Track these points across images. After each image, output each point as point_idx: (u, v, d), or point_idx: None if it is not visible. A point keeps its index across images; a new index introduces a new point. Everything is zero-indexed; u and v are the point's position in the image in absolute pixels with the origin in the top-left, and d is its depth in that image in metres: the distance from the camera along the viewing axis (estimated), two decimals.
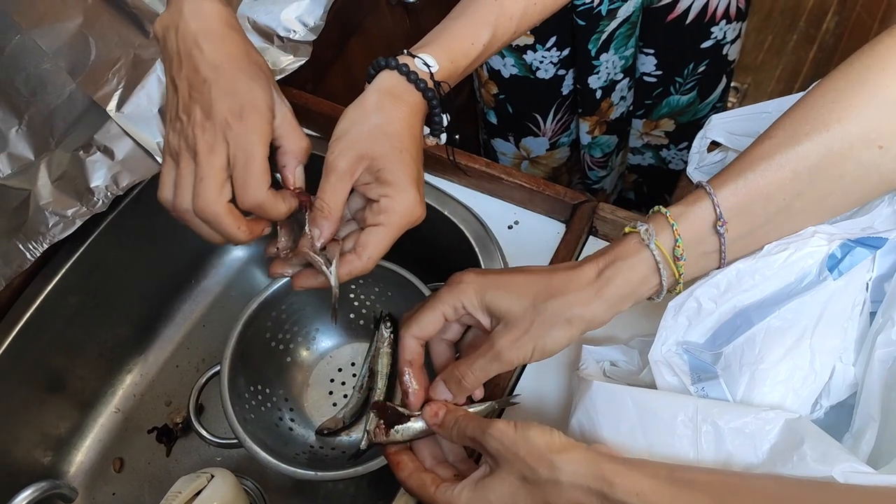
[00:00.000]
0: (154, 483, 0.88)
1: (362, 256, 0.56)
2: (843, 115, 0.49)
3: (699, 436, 0.51)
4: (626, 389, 0.55)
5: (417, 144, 0.58)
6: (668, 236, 0.51)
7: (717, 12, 1.10)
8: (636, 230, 0.52)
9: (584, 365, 0.64)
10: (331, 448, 0.81)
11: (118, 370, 0.94)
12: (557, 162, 1.38)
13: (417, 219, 0.57)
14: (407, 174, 0.55)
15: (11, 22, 0.80)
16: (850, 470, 0.45)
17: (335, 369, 0.87)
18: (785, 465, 0.48)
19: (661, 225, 0.52)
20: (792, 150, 0.50)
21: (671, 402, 0.53)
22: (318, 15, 0.85)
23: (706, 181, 0.51)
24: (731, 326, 0.55)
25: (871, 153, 0.49)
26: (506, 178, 0.78)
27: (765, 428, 0.49)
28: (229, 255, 1.02)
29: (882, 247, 0.54)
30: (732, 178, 0.51)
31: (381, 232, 0.55)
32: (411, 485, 0.54)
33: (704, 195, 0.51)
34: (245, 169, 0.55)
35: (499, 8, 0.61)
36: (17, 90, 0.80)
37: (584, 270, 0.52)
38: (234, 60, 0.57)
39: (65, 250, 0.81)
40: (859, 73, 0.50)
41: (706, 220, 0.51)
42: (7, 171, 0.79)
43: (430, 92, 0.58)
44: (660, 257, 0.51)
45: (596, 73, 1.17)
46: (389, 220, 0.55)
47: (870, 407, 0.52)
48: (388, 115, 0.57)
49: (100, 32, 0.82)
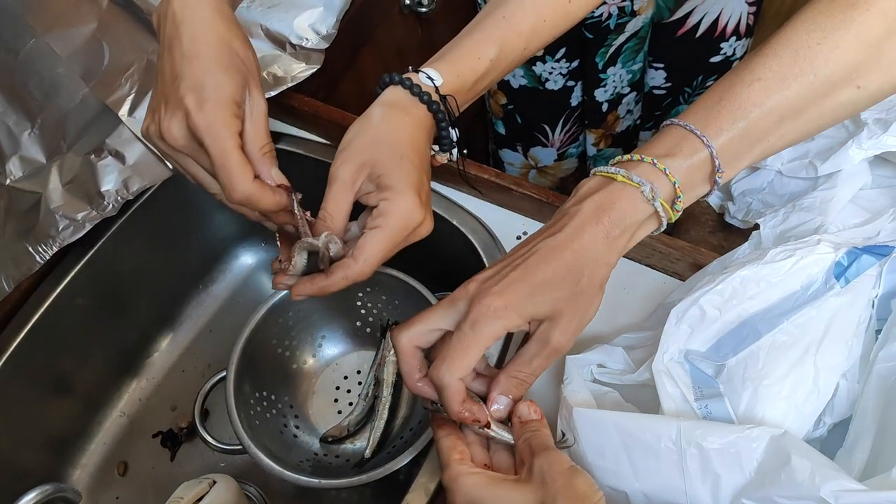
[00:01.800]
0: (158, 487, 0.88)
1: (358, 259, 0.55)
2: (829, 58, 0.50)
3: (684, 458, 0.50)
4: (609, 415, 0.54)
5: (420, 154, 0.58)
6: (669, 191, 0.51)
7: (727, 28, 1.11)
8: (635, 183, 0.50)
9: (568, 379, 0.62)
10: (335, 456, 0.81)
11: (124, 374, 0.94)
12: (565, 172, 1.38)
13: (417, 223, 0.56)
14: (405, 179, 0.55)
15: (26, 26, 0.80)
16: (839, 489, 0.45)
17: (341, 377, 0.87)
18: (773, 484, 0.47)
19: (660, 181, 0.51)
20: (781, 95, 0.50)
21: (654, 425, 0.52)
22: (331, 23, 0.86)
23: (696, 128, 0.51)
24: (738, 336, 0.55)
25: (849, 92, 0.51)
26: (515, 189, 0.78)
27: (750, 446, 0.49)
28: (237, 261, 1.02)
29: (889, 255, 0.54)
30: (727, 128, 0.51)
31: (378, 234, 0.55)
32: (443, 442, 0.52)
33: (702, 147, 0.51)
34: (222, 165, 0.55)
35: (507, 24, 0.62)
36: (31, 93, 0.81)
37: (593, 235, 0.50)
38: (209, 50, 0.57)
39: (74, 254, 0.81)
40: (844, 11, 0.50)
41: (703, 171, 0.51)
42: (19, 173, 0.79)
43: (435, 105, 0.58)
44: (663, 212, 0.51)
45: (603, 86, 1.17)
46: (387, 223, 0.55)
47: (865, 420, 0.52)
48: (391, 126, 0.57)
49: (113, 38, 0.82)
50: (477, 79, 0.61)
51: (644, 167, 0.51)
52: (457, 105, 0.60)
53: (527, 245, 0.52)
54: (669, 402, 0.54)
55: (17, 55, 0.80)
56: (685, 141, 0.51)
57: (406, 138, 0.57)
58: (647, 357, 0.59)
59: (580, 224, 0.50)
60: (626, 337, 0.63)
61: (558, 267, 0.50)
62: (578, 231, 0.50)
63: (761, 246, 0.63)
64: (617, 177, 0.51)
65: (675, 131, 0.52)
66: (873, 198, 0.61)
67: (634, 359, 0.61)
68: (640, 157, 0.51)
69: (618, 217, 0.50)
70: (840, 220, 0.60)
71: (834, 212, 0.60)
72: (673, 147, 0.51)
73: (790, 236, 0.61)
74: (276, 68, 0.84)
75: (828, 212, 0.60)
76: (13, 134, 0.80)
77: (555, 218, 0.53)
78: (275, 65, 0.84)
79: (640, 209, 0.51)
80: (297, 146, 0.87)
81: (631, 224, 0.51)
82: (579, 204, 0.51)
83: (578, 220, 0.51)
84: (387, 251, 0.56)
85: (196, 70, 0.56)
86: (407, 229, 0.56)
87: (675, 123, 0.52)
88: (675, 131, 0.52)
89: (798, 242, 0.54)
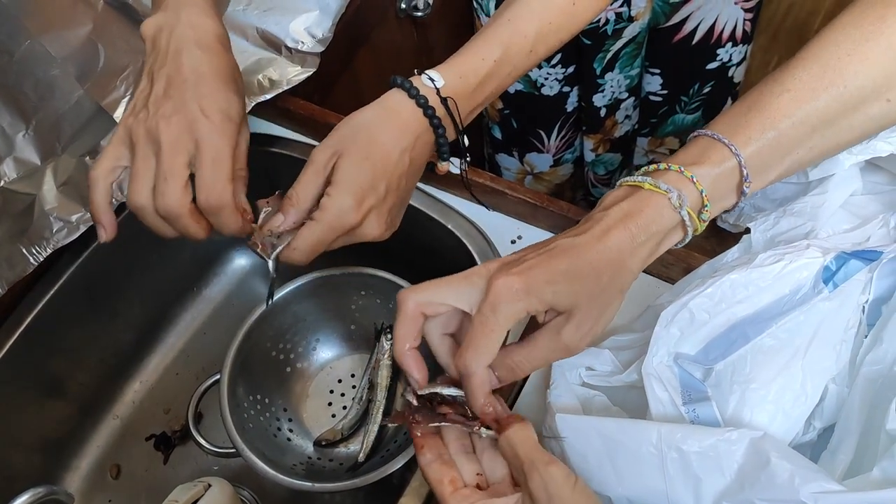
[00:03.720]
0: (151, 491, 0.88)
1: (292, 245, 0.58)
2: (859, 70, 0.50)
3: (665, 462, 0.50)
4: (591, 420, 0.54)
5: (390, 160, 0.58)
6: (696, 199, 0.51)
7: (723, 34, 1.11)
8: (662, 191, 0.50)
9: (554, 384, 0.62)
10: (329, 459, 0.81)
11: (118, 377, 0.94)
12: (561, 178, 1.38)
13: (350, 226, 0.57)
14: (352, 179, 0.56)
15: (21, 27, 0.80)
16: (818, 490, 0.45)
17: (335, 380, 0.87)
18: (753, 486, 0.47)
19: (688, 189, 0.50)
20: (811, 106, 0.50)
21: (634, 430, 0.52)
22: (327, 27, 0.86)
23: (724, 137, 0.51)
24: (727, 340, 0.55)
25: (880, 106, 0.50)
26: (510, 193, 0.78)
27: (730, 449, 0.49)
28: (231, 264, 1.02)
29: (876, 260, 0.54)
30: (756, 137, 0.50)
31: (311, 227, 0.57)
32: (429, 474, 0.51)
33: (730, 156, 0.50)
34: (213, 168, 0.57)
35: (512, 27, 0.62)
36: (26, 95, 0.81)
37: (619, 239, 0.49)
38: (217, 73, 0.60)
39: (68, 256, 0.81)
40: (874, 24, 0.50)
41: (731, 181, 0.51)
42: (13, 175, 0.79)
43: (430, 110, 0.58)
44: (689, 221, 0.50)
45: (601, 91, 1.17)
46: (321, 218, 0.57)
47: (850, 422, 0.52)
48: (374, 127, 0.58)
49: (109, 40, 0.82)
50: (480, 80, 0.61)
51: (671, 175, 0.51)
52: (457, 108, 0.60)
53: (549, 242, 0.51)
54: (658, 406, 0.54)
55: (12, 56, 0.80)
56: (713, 149, 0.51)
57: (380, 141, 0.58)
58: (634, 358, 0.59)
59: (606, 228, 0.50)
60: (615, 339, 0.63)
61: (581, 263, 0.49)
62: (604, 233, 0.49)
63: (751, 250, 0.63)
64: (644, 185, 0.50)
65: (702, 141, 0.52)
66: (864, 203, 0.62)
67: (622, 360, 0.61)
68: (667, 165, 0.51)
69: (644, 223, 0.50)
70: (830, 226, 0.60)
71: (824, 217, 0.60)
72: (700, 155, 0.51)
73: (780, 241, 0.61)
74: (271, 71, 0.84)
75: (818, 217, 0.60)
76: (7, 135, 0.80)
77: (580, 223, 0.52)
78: (270, 68, 0.84)
79: (667, 216, 0.50)
80: (291, 149, 0.87)
81: (657, 231, 0.50)
82: (606, 211, 0.51)
83: (604, 225, 0.50)
84: (317, 243, 0.57)
85: (208, 87, 0.58)
86: (339, 228, 0.57)
87: (703, 133, 0.52)
88: (703, 141, 0.52)
89: (787, 247, 0.54)
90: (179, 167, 0.56)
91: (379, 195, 0.58)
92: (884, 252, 0.54)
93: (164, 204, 0.56)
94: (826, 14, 1.37)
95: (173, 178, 0.56)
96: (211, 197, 0.57)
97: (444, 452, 0.52)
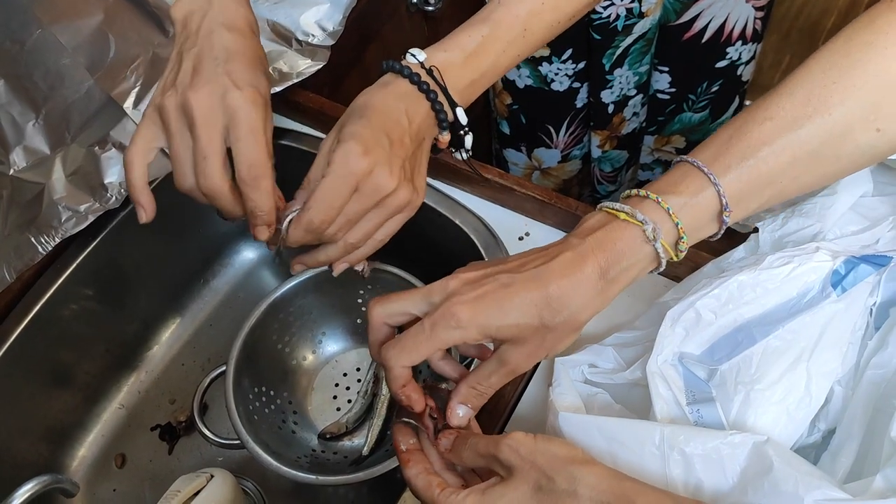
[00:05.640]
0: (155, 480, 0.88)
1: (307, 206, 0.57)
2: (845, 97, 0.48)
3: (668, 464, 0.50)
4: (594, 419, 0.54)
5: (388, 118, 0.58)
6: (672, 231, 0.50)
7: (733, 32, 1.10)
8: (637, 222, 0.49)
9: (557, 381, 0.62)
10: (333, 453, 0.81)
11: (124, 367, 0.94)
12: (568, 174, 1.38)
13: (363, 171, 0.56)
14: (354, 132, 0.56)
15: (33, 17, 0.80)
16: (822, 497, 0.44)
17: (340, 374, 0.87)
18: (756, 491, 0.47)
19: (663, 220, 0.49)
20: (793, 135, 0.49)
21: (638, 430, 0.52)
22: (338, 20, 0.86)
23: (704, 164, 0.50)
24: (733, 341, 0.55)
25: (868, 136, 0.49)
26: (518, 189, 0.78)
27: (733, 452, 0.49)
28: (239, 256, 1.02)
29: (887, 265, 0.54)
30: (735, 165, 0.49)
31: (323, 181, 0.56)
32: (417, 484, 0.52)
33: (708, 185, 0.49)
34: (252, 138, 0.57)
35: (502, 8, 0.62)
36: (36, 84, 0.81)
37: (586, 274, 0.49)
38: (247, 53, 0.60)
39: (76, 245, 0.82)
40: (861, 51, 0.49)
41: (710, 210, 0.50)
42: (22, 164, 0.79)
43: (416, 76, 0.59)
44: (664, 254, 0.50)
45: (609, 87, 1.17)
46: (330, 170, 0.56)
47: (853, 425, 0.52)
48: (372, 98, 0.59)
49: (119, 30, 0.82)
50: (468, 55, 0.61)
51: (648, 205, 0.50)
52: (441, 76, 0.60)
53: (522, 259, 0.51)
54: (661, 405, 0.54)
55: (22, 46, 0.81)
56: (690, 177, 0.50)
57: (376, 107, 0.58)
58: (638, 356, 0.59)
59: (577, 259, 0.49)
60: (618, 336, 0.63)
61: (538, 297, 0.48)
62: (573, 266, 0.49)
63: (759, 250, 0.63)
64: (621, 214, 0.50)
65: (682, 168, 0.51)
66: (874, 205, 0.61)
67: (625, 357, 0.61)
68: (646, 193, 0.50)
69: (616, 257, 0.49)
70: (839, 227, 0.60)
71: (833, 218, 0.60)
72: (678, 183, 0.50)
73: (788, 241, 0.61)
74: (281, 64, 0.84)
75: (827, 218, 0.60)
76: (17, 124, 0.80)
77: (557, 242, 0.52)
78: (280, 60, 0.84)
79: (639, 249, 0.49)
80: (300, 142, 0.87)
81: (629, 266, 0.50)
82: (582, 238, 0.50)
83: (576, 254, 0.49)
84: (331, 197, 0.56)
85: (238, 64, 0.59)
86: (350, 176, 0.56)
87: (684, 160, 0.51)
88: (683, 168, 0.51)
89: (796, 249, 0.54)
90: (216, 142, 0.56)
91: (384, 146, 0.57)
92: (894, 257, 0.53)
93: (206, 185, 0.57)
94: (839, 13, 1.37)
95: (213, 154, 0.56)
96: (253, 167, 0.57)
97: (429, 466, 0.53)
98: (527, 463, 0.46)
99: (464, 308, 0.48)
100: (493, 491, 0.47)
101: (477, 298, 0.49)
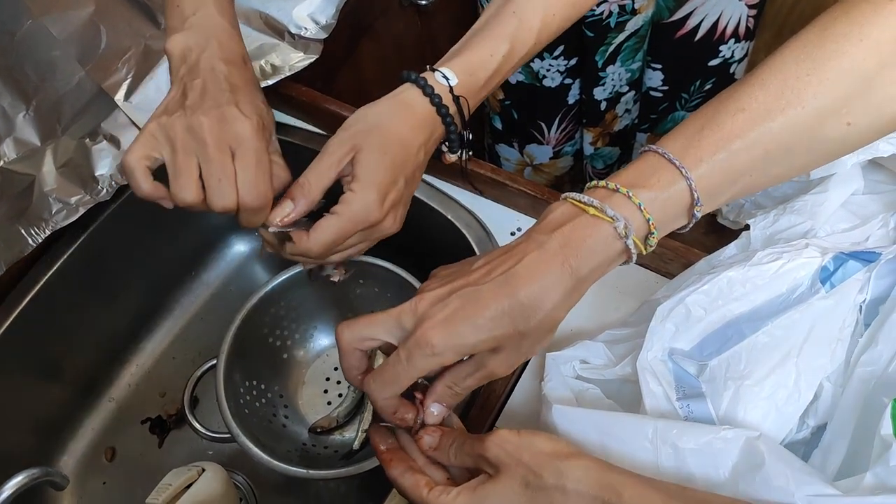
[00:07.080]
0: (145, 474, 0.88)
1: (310, 237, 0.57)
2: (818, 91, 0.47)
3: (660, 458, 0.50)
4: (587, 413, 0.54)
5: (407, 155, 0.58)
6: (642, 226, 0.48)
7: (726, 30, 1.11)
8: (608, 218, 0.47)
9: (548, 376, 0.62)
10: (323, 447, 0.81)
11: (114, 360, 0.94)
12: (560, 171, 1.38)
13: (374, 221, 0.57)
14: (375, 175, 0.57)
15: (24, 7, 0.80)
16: (813, 493, 0.45)
17: (331, 368, 0.87)
18: (748, 485, 0.47)
19: (634, 216, 0.48)
20: (766, 128, 0.47)
21: (630, 424, 0.52)
22: (331, 13, 0.86)
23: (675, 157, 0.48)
24: (722, 337, 0.55)
25: (839, 129, 0.48)
26: (510, 185, 0.78)
27: (725, 447, 0.49)
28: (230, 249, 1.02)
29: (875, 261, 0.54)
30: (707, 158, 0.48)
31: (332, 220, 0.57)
32: (403, 483, 0.51)
33: (679, 178, 0.48)
34: (257, 169, 0.58)
35: (517, 20, 0.61)
36: (27, 75, 0.80)
37: (556, 276, 0.47)
38: (249, 87, 0.62)
39: (67, 237, 0.81)
40: (836, 42, 0.47)
41: (681, 204, 0.49)
42: (12, 155, 0.79)
43: (444, 108, 0.59)
44: (634, 248, 0.48)
45: (602, 84, 1.17)
46: (343, 212, 0.57)
47: (843, 421, 0.53)
48: (391, 121, 0.58)
49: (111, 22, 0.82)
50: (489, 76, 0.61)
51: (618, 199, 0.48)
52: (468, 107, 0.60)
53: (487, 264, 0.50)
54: (652, 400, 0.54)
55: (13, 36, 0.80)
56: (662, 171, 0.48)
57: (398, 136, 0.58)
58: (628, 352, 0.59)
59: (545, 259, 0.47)
60: (609, 333, 0.64)
61: (509, 306, 0.47)
62: (541, 268, 0.47)
63: (750, 247, 0.63)
64: (590, 209, 0.48)
65: (652, 159, 0.49)
66: (864, 203, 0.61)
67: (616, 354, 0.61)
68: (615, 185, 0.48)
69: (586, 255, 0.47)
70: (830, 224, 0.60)
71: (824, 216, 0.60)
72: (650, 177, 0.49)
73: (779, 238, 0.61)
74: (273, 57, 0.84)
75: (818, 215, 0.60)
76: (8, 115, 0.79)
77: (521, 239, 0.50)
78: (273, 54, 0.84)
79: (610, 245, 0.48)
80: (293, 136, 0.86)
81: (600, 263, 0.48)
82: (548, 234, 0.49)
83: (543, 255, 0.48)
84: (337, 237, 0.58)
85: (243, 95, 0.60)
86: (361, 223, 0.57)
87: (653, 150, 0.50)
88: (653, 159, 0.49)
89: (786, 245, 0.54)
90: (230, 166, 0.57)
91: (399, 190, 0.58)
92: (882, 253, 0.54)
93: (221, 204, 0.57)
94: None
95: (227, 178, 0.57)
96: (257, 199, 0.57)
97: (413, 463, 0.53)
98: (513, 460, 0.46)
99: (435, 333, 0.47)
100: (483, 489, 0.47)
101: (447, 319, 0.47)
